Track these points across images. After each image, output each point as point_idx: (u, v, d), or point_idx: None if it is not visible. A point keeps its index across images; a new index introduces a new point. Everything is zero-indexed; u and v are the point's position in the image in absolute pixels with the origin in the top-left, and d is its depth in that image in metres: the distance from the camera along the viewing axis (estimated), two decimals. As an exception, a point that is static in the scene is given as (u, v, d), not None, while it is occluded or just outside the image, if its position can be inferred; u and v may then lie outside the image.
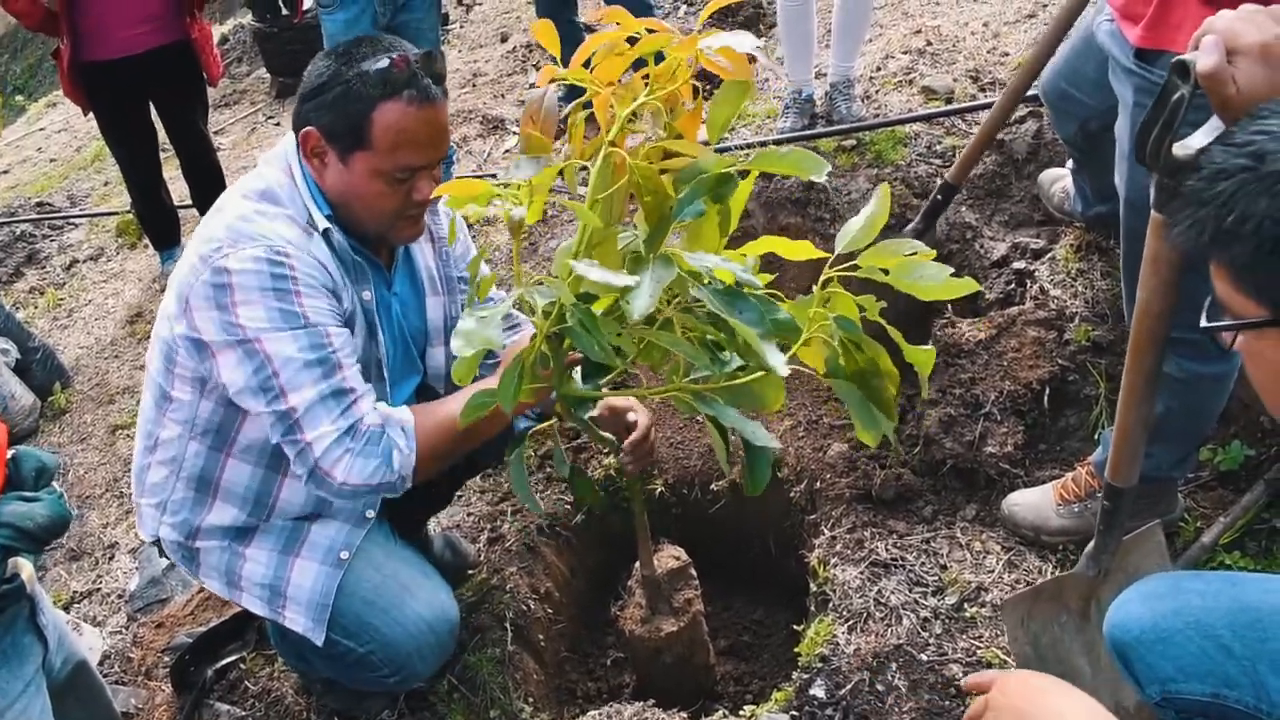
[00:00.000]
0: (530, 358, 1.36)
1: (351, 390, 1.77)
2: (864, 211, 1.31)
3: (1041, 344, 2.59)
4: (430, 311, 2.11)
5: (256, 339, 1.71)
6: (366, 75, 1.72)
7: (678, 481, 2.88)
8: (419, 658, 1.99)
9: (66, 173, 6.69)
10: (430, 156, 1.79)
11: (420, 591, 2.01)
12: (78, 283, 5.06)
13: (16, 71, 14.78)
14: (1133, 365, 1.58)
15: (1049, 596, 1.91)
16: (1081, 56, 2.26)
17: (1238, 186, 1.00)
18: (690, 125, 1.37)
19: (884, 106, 3.80)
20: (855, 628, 2.20)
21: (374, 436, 1.76)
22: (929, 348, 1.38)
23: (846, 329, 1.32)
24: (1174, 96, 1.25)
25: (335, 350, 1.76)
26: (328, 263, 1.81)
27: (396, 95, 1.72)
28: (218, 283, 1.72)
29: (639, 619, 2.21)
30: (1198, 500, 2.31)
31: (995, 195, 3.28)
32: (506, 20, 6.43)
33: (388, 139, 1.73)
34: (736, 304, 1.26)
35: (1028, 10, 4.29)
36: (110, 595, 3.02)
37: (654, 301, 1.17)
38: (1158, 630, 1.37)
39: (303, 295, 1.74)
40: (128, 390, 4.04)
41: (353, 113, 1.73)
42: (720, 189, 1.29)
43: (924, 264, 1.28)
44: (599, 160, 1.29)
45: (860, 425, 1.36)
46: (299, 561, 1.96)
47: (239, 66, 7.48)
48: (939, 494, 2.50)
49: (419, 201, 1.81)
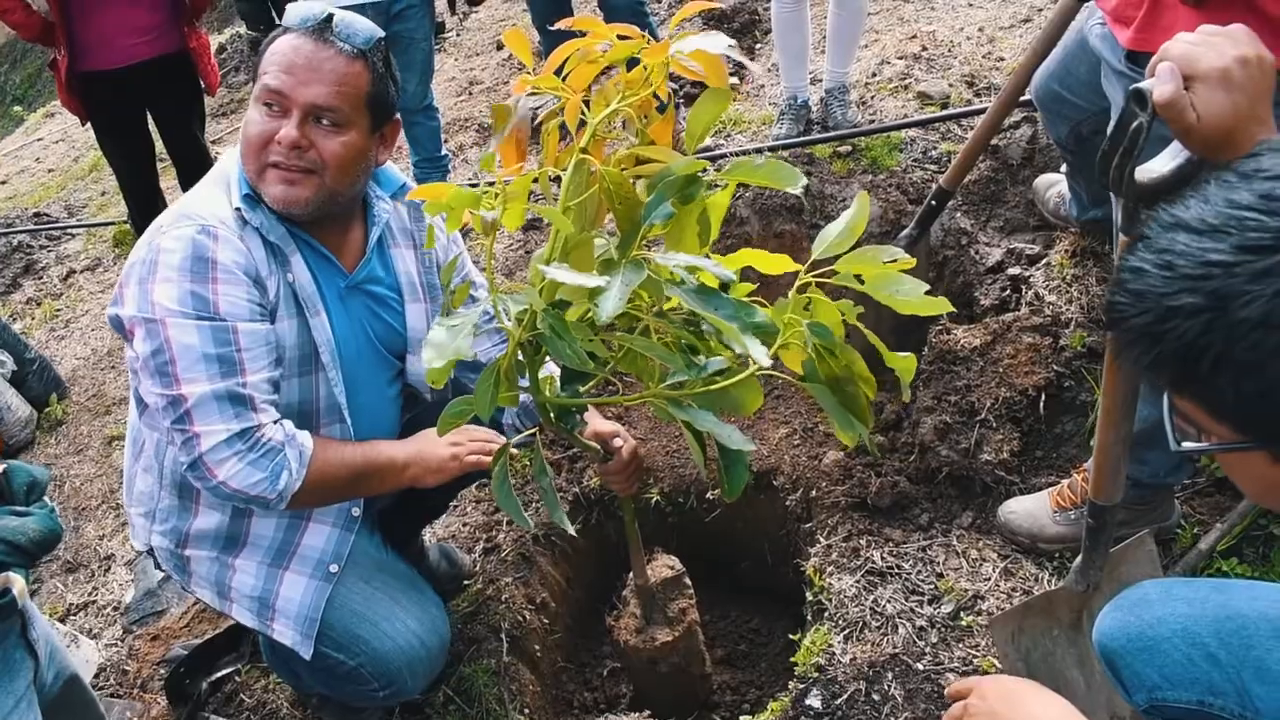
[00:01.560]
0: (505, 365, 1.35)
1: (250, 397, 1.75)
2: (843, 217, 1.30)
3: (1037, 350, 2.59)
4: (411, 319, 2.08)
5: (162, 320, 1.71)
6: (290, 15, 1.79)
7: (673, 490, 2.87)
8: (409, 672, 1.98)
9: (64, 183, 6.70)
10: (291, 87, 1.74)
11: (411, 605, 2.00)
12: (75, 293, 5.06)
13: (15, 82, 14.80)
14: (1110, 385, 1.57)
15: (1038, 612, 1.90)
16: (1074, 59, 2.26)
17: (1202, 331, 0.85)
18: (663, 132, 1.36)
19: (879, 112, 3.80)
20: (851, 637, 2.19)
21: (271, 450, 1.76)
22: (909, 355, 1.37)
23: (820, 335, 1.31)
24: (1133, 124, 1.23)
25: (240, 349, 1.75)
26: (255, 249, 1.80)
27: (293, 30, 1.78)
28: (148, 258, 1.74)
29: (634, 629, 2.20)
30: (1194, 506, 2.30)
31: (990, 201, 3.27)
32: (503, 28, 6.43)
33: (266, 62, 1.78)
34: (712, 301, 1.26)
35: (1023, 15, 4.30)
36: (106, 607, 3.01)
37: (622, 303, 1.16)
38: (1144, 638, 1.37)
39: (220, 282, 1.73)
40: (124, 401, 4.03)
41: (265, 48, 1.80)
42: (687, 189, 1.28)
43: (901, 277, 1.27)
44: (571, 167, 1.29)
45: (838, 427, 1.36)
46: (288, 574, 1.95)
47: (236, 76, 7.48)
48: (935, 502, 2.49)
49: (278, 141, 1.76)
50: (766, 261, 1.37)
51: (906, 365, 1.36)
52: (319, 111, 1.76)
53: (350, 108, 1.78)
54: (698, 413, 1.33)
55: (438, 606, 2.06)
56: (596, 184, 1.29)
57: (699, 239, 1.33)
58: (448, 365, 1.21)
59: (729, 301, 1.26)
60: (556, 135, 1.38)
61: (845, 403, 1.35)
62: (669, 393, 1.37)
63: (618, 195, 1.27)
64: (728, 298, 1.27)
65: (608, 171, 1.27)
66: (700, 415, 1.33)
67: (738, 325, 1.22)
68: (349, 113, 1.78)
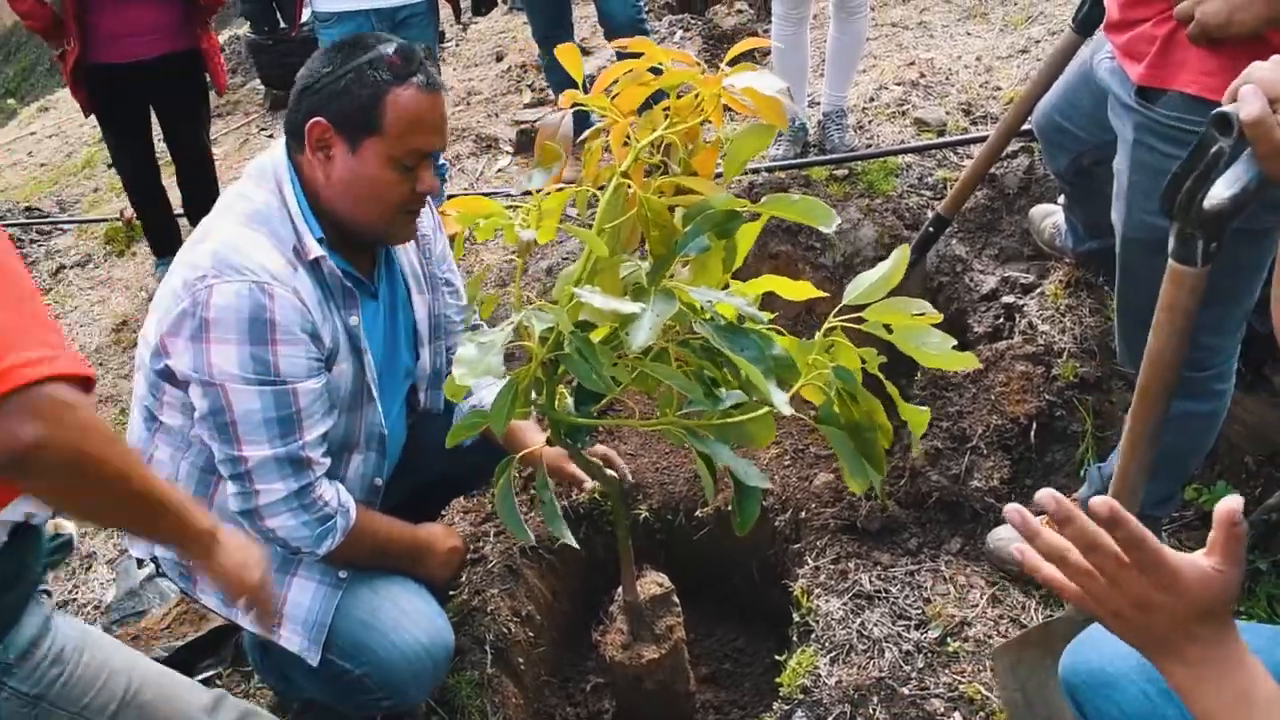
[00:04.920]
0: (524, 382, 1.36)
1: (307, 458, 1.80)
2: (880, 268, 1.31)
3: (1029, 379, 2.60)
4: (417, 310, 2.11)
5: (222, 385, 1.71)
6: (378, 62, 1.74)
7: (662, 507, 2.87)
8: (414, 682, 1.97)
9: (56, 178, 6.67)
10: (437, 143, 1.82)
11: (419, 616, 1.99)
12: (64, 289, 5.03)
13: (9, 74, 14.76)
14: (1140, 412, 1.58)
15: (1036, 642, 1.90)
16: (1077, 91, 2.28)
17: None
18: (707, 161, 1.36)
19: (876, 137, 3.83)
20: (837, 659, 2.19)
21: (323, 515, 1.83)
22: (925, 408, 1.38)
23: (844, 379, 1.32)
24: (1212, 149, 1.24)
25: (299, 410, 1.76)
26: (310, 299, 1.78)
27: (407, 80, 1.75)
28: (197, 315, 1.70)
29: (620, 645, 2.19)
30: (1182, 539, 2.32)
31: (986, 229, 3.30)
32: (502, 40, 6.46)
33: (401, 123, 1.74)
34: (738, 340, 1.27)
35: (1020, 46, 4.34)
36: (87, 606, 2.99)
37: (654, 334, 1.17)
38: (1104, 674, 1.37)
39: (280, 344, 1.72)
40: (112, 399, 4.01)
41: (365, 97, 1.74)
42: (726, 225, 1.29)
43: (929, 330, 1.28)
44: (609, 190, 1.29)
45: (849, 473, 1.36)
46: (297, 580, 1.95)
47: (233, 78, 7.49)
48: (924, 527, 2.50)
49: (422, 193, 1.82)
50: (788, 288, 1.37)
51: (920, 419, 1.36)
52: (442, 150, 1.87)
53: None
54: (716, 445, 1.34)
55: (443, 618, 2.05)
56: (633, 208, 1.30)
57: (724, 265, 1.33)
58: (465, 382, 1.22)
59: (754, 341, 1.27)
60: (599, 154, 1.38)
61: (861, 449, 1.35)
62: (686, 422, 1.37)
63: (655, 222, 1.28)
64: (753, 336, 1.28)
65: (649, 199, 1.28)
66: (719, 448, 1.35)
67: (762, 369, 1.23)
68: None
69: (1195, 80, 1.62)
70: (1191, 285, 1.42)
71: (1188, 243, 1.34)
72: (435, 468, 2.22)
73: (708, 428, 1.36)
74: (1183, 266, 1.41)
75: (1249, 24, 1.50)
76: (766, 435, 1.39)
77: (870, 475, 1.37)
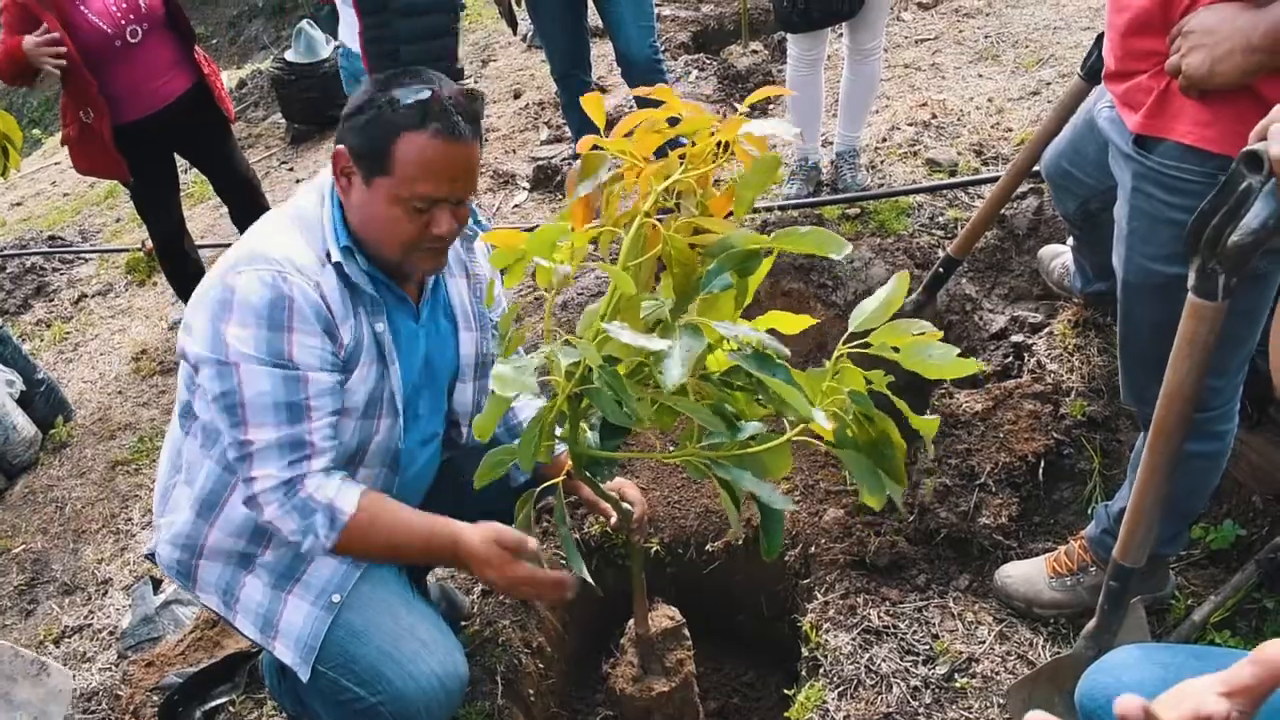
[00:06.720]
0: (550, 417, 1.39)
1: (309, 444, 1.81)
2: (880, 293, 1.35)
3: (1037, 417, 2.63)
4: (463, 346, 2.14)
5: (236, 364, 1.75)
6: (398, 104, 1.77)
7: (673, 541, 2.89)
8: (427, 714, 1.97)
9: (79, 207, 6.77)
10: (448, 192, 1.82)
11: (437, 648, 2.00)
12: (85, 317, 5.11)
13: (33, 105, 14.97)
14: (1156, 446, 1.60)
15: (1047, 679, 1.92)
16: (1084, 138, 2.32)
17: None
18: (722, 204, 1.41)
19: (888, 176, 3.88)
20: (845, 694, 2.20)
21: (304, 509, 1.81)
22: (934, 417, 1.41)
23: (859, 403, 1.35)
24: (1241, 185, 1.27)
25: (309, 397, 1.80)
26: (331, 296, 1.84)
27: (423, 127, 1.77)
28: (222, 298, 1.77)
29: (630, 677, 2.21)
30: (1189, 578, 2.33)
31: (995, 269, 3.33)
32: (520, 77, 6.54)
33: (408, 168, 1.78)
34: (769, 367, 1.31)
35: (1031, 88, 4.39)
36: (102, 631, 3.02)
37: (687, 371, 1.21)
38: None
39: (295, 331, 1.78)
40: (129, 427, 4.06)
41: (378, 138, 1.78)
42: (746, 264, 1.34)
43: (932, 344, 1.32)
44: (632, 229, 1.34)
45: (866, 490, 1.39)
46: (291, 599, 1.97)
47: (255, 111, 7.60)
48: (932, 563, 2.51)
49: (436, 235, 1.85)
50: (786, 322, 1.41)
51: (930, 427, 1.40)
52: (459, 198, 1.86)
53: (474, 184, 1.90)
54: (738, 472, 1.38)
55: (459, 650, 2.06)
56: (655, 247, 1.34)
57: (736, 301, 1.37)
58: (497, 412, 1.26)
59: (782, 367, 1.31)
60: (619, 197, 1.42)
61: (882, 465, 1.38)
62: (707, 454, 1.41)
63: (678, 260, 1.33)
64: (782, 364, 1.32)
65: (673, 237, 1.32)
66: (741, 476, 1.38)
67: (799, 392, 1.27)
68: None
69: (1191, 131, 1.65)
70: (1211, 319, 1.44)
71: (1209, 278, 1.36)
72: (482, 503, 2.23)
73: (727, 458, 1.40)
74: (1203, 301, 1.43)
75: (1230, 75, 1.54)
76: (783, 466, 1.42)
77: (890, 488, 1.40)
